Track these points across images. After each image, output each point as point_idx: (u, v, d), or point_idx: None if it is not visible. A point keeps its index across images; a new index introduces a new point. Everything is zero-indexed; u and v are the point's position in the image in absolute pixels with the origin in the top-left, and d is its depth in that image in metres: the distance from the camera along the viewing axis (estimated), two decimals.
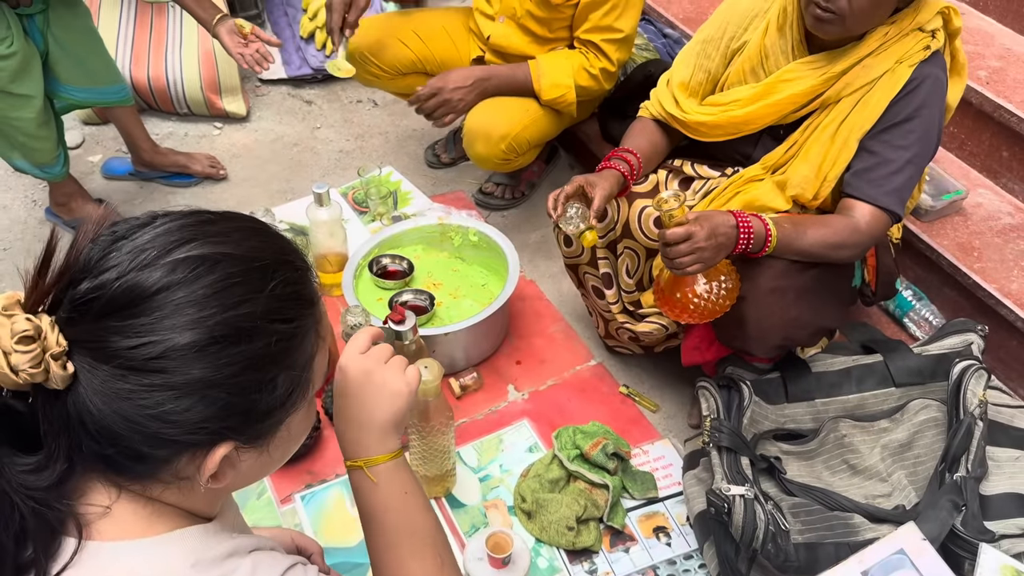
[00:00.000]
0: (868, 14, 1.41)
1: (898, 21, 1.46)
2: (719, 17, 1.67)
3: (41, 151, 2.11)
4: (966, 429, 1.45)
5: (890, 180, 1.48)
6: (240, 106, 2.78)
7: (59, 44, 2.04)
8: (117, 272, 0.66)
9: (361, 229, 2.32)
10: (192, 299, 0.66)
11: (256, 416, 0.72)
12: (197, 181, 2.53)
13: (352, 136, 2.77)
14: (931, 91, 1.47)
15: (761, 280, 1.49)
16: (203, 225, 0.71)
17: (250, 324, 0.68)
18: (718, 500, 1.41)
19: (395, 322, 1.62)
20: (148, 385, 0.66)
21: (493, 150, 2.08)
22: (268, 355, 0.70)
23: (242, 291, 0.68)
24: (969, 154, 2.10)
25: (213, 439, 0.70)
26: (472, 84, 2.06)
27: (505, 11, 2.14)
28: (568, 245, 1.83)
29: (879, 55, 1.47)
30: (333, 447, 1.77)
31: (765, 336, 1.53)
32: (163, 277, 0.66)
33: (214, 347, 0.67)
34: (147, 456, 0.69)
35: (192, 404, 0.67)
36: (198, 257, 0.68)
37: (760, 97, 1.56)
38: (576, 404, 1.88)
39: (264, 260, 0.71)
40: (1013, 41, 2.18)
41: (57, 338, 0.64)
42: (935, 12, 1.47)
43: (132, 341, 0.65)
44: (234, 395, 0.69)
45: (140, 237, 0.68)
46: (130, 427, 0.67)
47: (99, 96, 2.22)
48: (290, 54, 2.98)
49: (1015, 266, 1.83)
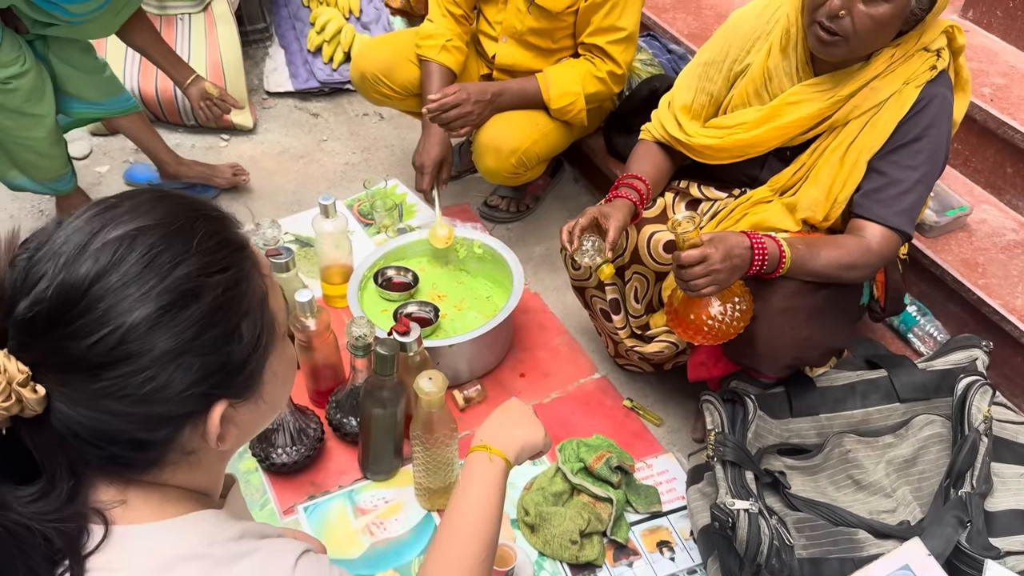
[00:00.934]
0: (872, 36, 1.41)
1: (903, 43, 1.46)
2: (720, 39, 1.66)
3: (50, 168, 2.13)
4: (971, 445, 1.44)
5: (900, 200, 1.48)
6: (247, 118, 2.80)
7: (64, 62, 2.07)
8: (47, 281, 0.66)
9: (366, 241, 2.33)
10: (127, 279, 0.66)
11: (234, 369, 0.72)
12: (216, 193, 2.54)
13: (358, 149, 2.78)
14: (938, 110, 1.47)
15: (773, 300, 1.49)
16: (108, 210, 0.70)
17: (191, 284, 0.68)
18: (722, 514, 1.40)
19: (399, 334, 1.62)
20: (122, 374, 0.66)
21: (503, 164, 2.10)
22: (220, 307, 0.70)
23: (170, 255, 0.68)
24: (973, 170, 2.11)
25: (205, 403, 0.71)
26: (490, 99, 2.09)
27: (507, 31, 2.17)
28: (576, 268, 1.82)
29: (886, 77, 1.47)
30: (336, 459, 1.78)
31: (776, 356, 1.53)
32: (91, 268, 0.66)
33: (167, 316, 0.67)
34: (149, 442, 0.70)
35: (170, 376, 0.67)
36: (116, 239, 0.67)
37: (766, 120, 1.56)
38: (580, 417, 1.88)
39: (179, 221, 0.71)
40: (1017, 59, 2.19)
41: (17, 366, 0.64)
42: (940, 31, 1.47)
43: (89, 340, 0.65)
44: (206, 355, 0.69)
45: (54, 242, 0.68)
46: (122, 420, 0.67)
47: (107, 108, 2.23)
48: (297, 67, 3.00)
49: (1019, 282, 1.83)
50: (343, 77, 2.96)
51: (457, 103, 2.03)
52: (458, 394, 1.89)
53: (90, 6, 1.94)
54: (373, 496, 1.71)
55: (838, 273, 1.49)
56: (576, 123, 2.17)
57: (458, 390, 1.89)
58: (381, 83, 2.24)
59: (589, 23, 2.06)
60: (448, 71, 2.18)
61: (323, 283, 2.10)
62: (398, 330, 1.63)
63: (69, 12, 1.93)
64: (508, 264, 1.99)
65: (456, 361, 1.88)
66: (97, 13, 1.98)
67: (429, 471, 1.60)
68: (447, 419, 1.54)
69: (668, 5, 2.66)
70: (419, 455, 1.58)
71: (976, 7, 2.31)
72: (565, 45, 2.15)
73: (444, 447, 1.56)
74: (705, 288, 1.39)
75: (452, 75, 2.20)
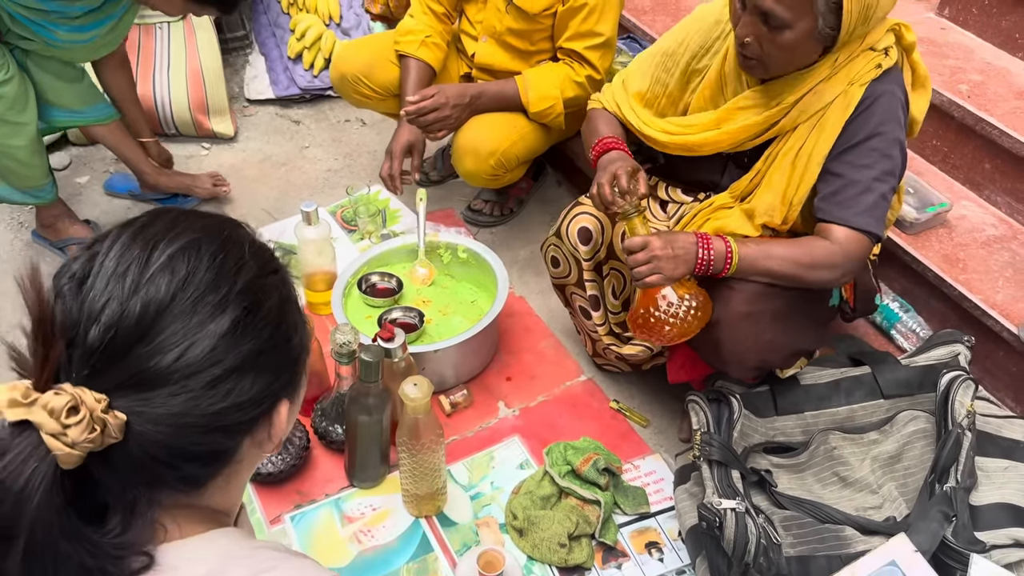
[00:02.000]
0: (785, 59, 1.42)
1: (845, 46, 1.44)
2: (681, 31, 1.66)
3: (31, 177, 2.11)
4: (954, 440, 1.45)
5: (859, 200, 1.46)
6: (228, 126, 2.78)
7: (43, 71, 2.05)
8: (118, 302, 0.64)
9: (350, 247, 2.32)
10: (204, 287, 0.66)
11: (293, 363, 0.75)
12: (196, 203, 2.52)
13: (340, 155, 2.77)
14: (887, 107, 1.45)
15: (734, 304, 1.49)
16: (147, 228, 0.70)
17: (257, 284, 0.70)
18: (709, 514, 1.40)
19: (384, 340, 1.62)
20: (210, 382, 0.66)
21: (482, 166, 2.09)
22: (281, 304, 0.73)
23: (232, 261, 0.69)
24: (952, 167, 2.12)
25: (272, 403, 0.72)
26: (468, 102, 2.09)
27: (486, 31, 2.17)
28: (556, 266, 1.84)
29: (831, 80, 1.46)
30: (322, 467, 1.76)
31: (740, 360, 1.54)
32: (171, 280, 0.66)
33: (248, 317, 0.68)
34: (222, 453, 0.70)
35: (254, 378, 0.68)
36: (180, 250, 0.67)
37: (715, 125, 1.57)
38: (567, 420, 1.88)
39: (223, 229, 0.72)
40: (993, 55, 2.21)
41: (93, 396, 0.61)
42: (886, 30, 1.46)
43: (176, 351, 0.64)
44: (279, 353, 0.72)
45: (105, 266, 0.66)
46: (204, 432, 0.67)
47: (86, 116, 2.22)
48: (277, 74, 2.99)
49: (1000, 277, 1.85)
50: (324, 83, 2.95)
51: (435, 107, 2.03)
52: (444, 399, 1.88)
53: (76, 36, 1.95)
54: (360, 504, 1.70)
55: (799, 272, 1.47)
56: (554, 127, 2.17)
57: (444, 395, 1.89)
58: (361, 83, 2.23)
59: (567, 28, 2.06)
60: (427, 67, 2.18)
61: (306, 290, 2.09)
62: (382, 336, 1.63)
63: (54, 38, 1.93)
64: (492, 268, 1.99)
65: (442, 366, 1.87)
66: (77, 45, 2.00)
67: (416, 477, 1.59)
68: (433, 425, 1.54)
69: (647, 8, 2.67)
70: (406, 461, 1.57)
71: (952, 5, 2.33)
72: (543, 48, 2.16)
73: (431, 453, 1.55)
74: (648, 276, 1.43)
75: (431, 71, 2.19)
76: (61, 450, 0.60)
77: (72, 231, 2.31)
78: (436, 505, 1.68)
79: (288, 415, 0.76)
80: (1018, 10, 2.15)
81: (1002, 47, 2.22)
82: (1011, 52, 2.21)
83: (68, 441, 0.60)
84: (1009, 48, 2.21)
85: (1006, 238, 1.95)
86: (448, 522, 1.67)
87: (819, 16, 1.34)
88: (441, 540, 1.64)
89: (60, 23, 1.90)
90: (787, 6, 1.33)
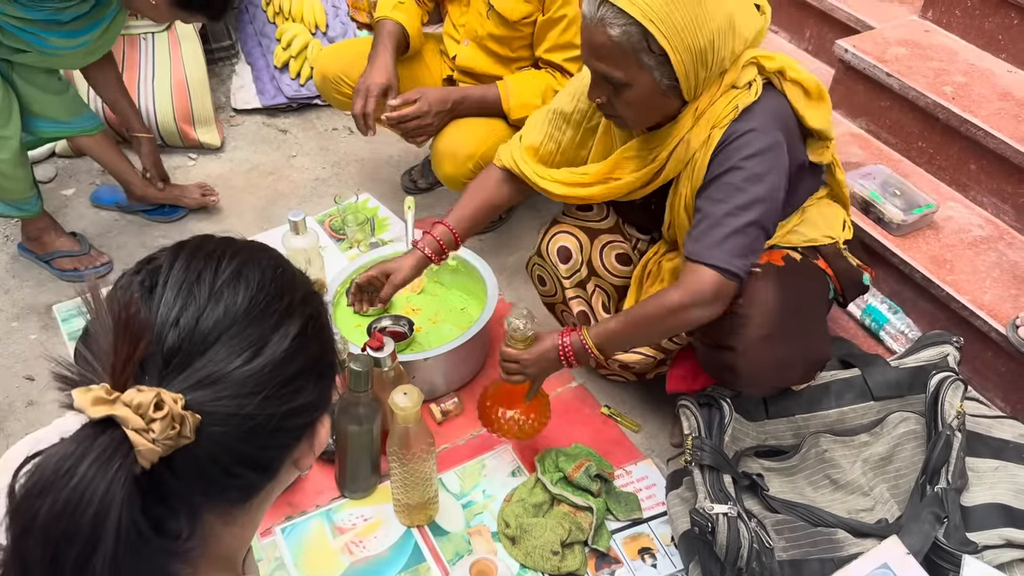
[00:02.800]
0: (641, 114, 1.45)
1: (705, 92, 1.43)
2: (570, 91, 1.68)
3: (15, 190, 2.10)
4: (944, 441, 1.46)
5: (710, 234, 1.43)
6: (214, 136, 2.77)
7: (29, 83, 2.05)
8: (195, 307, 0.67)
9: (339, 256, 2.32)
10: (272, 295, 0.70)
11: (332, 374, 0.77)
12: (183, 214, 2.51)
13: (328, 164, 2.77)
14: (744, 145, 1.43)
15: (749, 331, 1.47)
16: (204, 245, 0.73)
17: (312, 296, 0.75)
18: (701, 519, 1.40)
19: (373, 349, 1.61)
20: (281, 382, 0.68)
21: (460, 169, 2.10)
22: (324, 316, 0.77)
23: (288, 275, 0.74)
24: (938, 168, 2.13)
25: (320, 412, 0.75)
26: (450, 107, 2.09)
27: (469, 34, 2.18)
28: (543, 284, 1.85)
29: (696, 128, 1.46)
30: (312, 478, 1.75)
31: (758, 381, 1.55)
32: (243, 288, 0.69)
33: (312, 323, 0.72)
34: (270, 462, 0.71)
35: (314, 385, 0.71)
36: (244, 263, 0.71)
37: (605, 175, 1.60)
38: (558, 426, 1.87)
39: (266, 249, 0.75)
40: (977, 57, 2.22)
41: (172, 396, 0.62)
42: (742, 66, 1.44)
43: (248, 354, 0.66)
44: (331, 359, 0.75)
45: (175, 276, 0.69)
46: (269, 434, 0.68)
47: (72, 127, 2.21)
48: (264, 83, 2.98)
49: (987, 277, 1.86)
50: (311, 92, 2.94)
51: (417, 115, 2.03)
52: (435, 408, 1.87)
53: (69, 42, 1.95)
54: (351, 514, 1.69)
55: (665, 323, 1.46)
56: None
57: (435, 404, 1.88)
58: (342, 82, 2.23)
59: (546, 38, 2.08)
60: (399, 28, 2.11)
61: None
62: (371, 345, 1.62)
63: (47, 45, 1.93)
64: (482, 275, 1.98)
65: (432, 375, 1.86)
66: (71, 51, 1.99)
67: (407, 487, 1.58)
68: (424, 434, 1.53)
69: None
70: (397, 471, 1.56)
71: (935, 7, 2.35)
72: (523, 55, 2.17)
73: (421, 462, 1.54)
74: (514, 376, 1.58)
75: (404, 33, 2.13)
76: (145, 446, 0.60)
77: (58, 244, 2.30)
78: (428, 514, 1.67)
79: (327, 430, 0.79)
80: (1001, 12, 2.17)
81: (985, 48, 2.24)
82: (994, 53, 2.22)
83: (152, 437, 0.60)
84: (992, 50, 2.22)
85: (993, 238, 1.96)
86: (440, 531, 1.67)
87: (651, 70, 1.35)
88: (433, 550, 1.63)
89: (51, 30, 1.89)
90: (616, 67, 1.36)
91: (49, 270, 2.31)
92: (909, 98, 2.12)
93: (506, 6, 2.05)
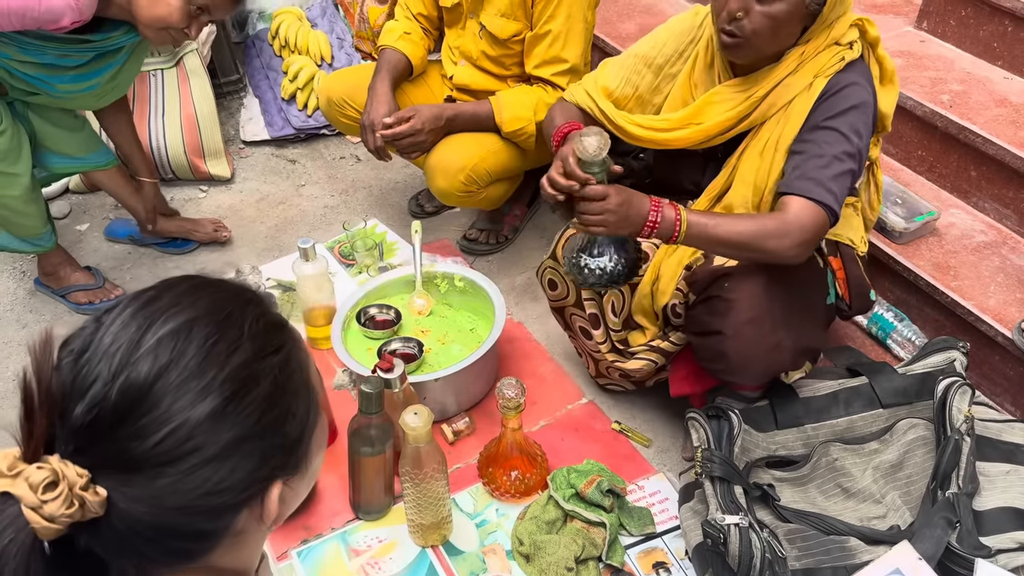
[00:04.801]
0: (772, 35, 1.45)
1: (813, 39, 1.50)
2: (654, 37, 1.71)
3: (27, 226, 2.14)
4: (953, 446, 1.46)
5: (815, 173, 1.46)
6: (224, 169, 2.82)
7: (44, 120, 2.09)
8: (102, 382, 0.65)
9: (348, 281, 2.35)
10: (187, 373, 0.66)
11: (289, 447, 0.74)
12: (195, 247, 2.55)
13: (337, 191, 2.81)
14: (849, 95, 1.49)
15: (736, 313, 1.50)
16: (150, 304, 0.70)
17: (248, 370, 0.69)
18: (713, 531, 1.41)
19: (383, 370, 1.63)
20: (188, 468, 0.66)
21: (452, 182, 2.15)
22: (277, 389, 0.71)
23: (226, 344, 0.69)
24: (939, 176, 2.15)
25: (265, 486, 0.72)
26: (443, 124, 2.15)
27: (464, 55, 2.27)
28: (553, 288, 1.85)
29: (797, 73, 1.51)
30: (327, 501, 1.77)
31: (748, 366, 1.55)
32: (151, 365, 0.65)
33: (231, 405, 0.67)
34: (210, 531, 0.70)
35: (235, 465, 0.68)
36: (170, 333, 0.67)
37: (687, 121, 1.61)
38: (569, 443, 1.89)
39: (227, 307, 0.72)
40: (973, 65, 2.24)
41: (75, 471, 0.62)
42: (849, 25, 1.51)
43: (153, 438, 0.64)
44: (266, 438, 0.70)
45: (102, 342, 0.67)
46: (186, 514, 0.67)
47: (86, 163, 2.25)
48: (272, 116, 3.04)
49: (991, 282, 1.86)
50: (318, 122, 2.99)
51: (411, 132, 2.10)
52: (447, 428, 1.89)
53: (77, 86, 1.99)
54: (366, 536, 1.71)
55: (750, 240, 1.45)
56: (526, 147, 2.23)
57: (446, 424, 1.90)
58: (347, 106, 2.29)
59: (533, 54, 2.14)
60: (403, 57, 2.24)
61: (307, 326, 2.11)
62: (381, 367, 1.64)
63: (55, 90, 1.97)
64: (489, 295, 2.01)
65: (442, 395, 1.88)
66: (80, 94, 2.03)
67: (421, 507, 1.60)
68: (435, 454, 1.55)
69: (632, 35, 2.72)
70: (410, 491, 1.58)
71: (930, 18, 2.37)
72: (515, 72, 2.24)
73: (434, 482, 1.56)
74: (594, 225, 1.44)
75: (407, 63, 2.25)
76: (39, 523, 0.61)
77: (74, 279, 2.34)
78: (442, 534, 1.68)
79: (288, 494, 0.76)
80: (995, 20, 2.19)
81: (981, 56, 2.26)
82: (990, 61, 2.24)
83: (45, 514, 0.61)
84: (988, 57, 2.25)
85: (995, 244, 1.97)
86: (455, 551, 1.68)
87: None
88: (448, 569, 1.64)
89: (58, 75, 1.93)
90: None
91: (65, 304, 2.36)
92: (907, 107, 2.14)
93: (496, 25, 2.13)
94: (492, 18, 2.14)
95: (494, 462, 1.74)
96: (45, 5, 1.66)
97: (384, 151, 2.18)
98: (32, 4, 1.66)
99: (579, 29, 2.10)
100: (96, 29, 1.88)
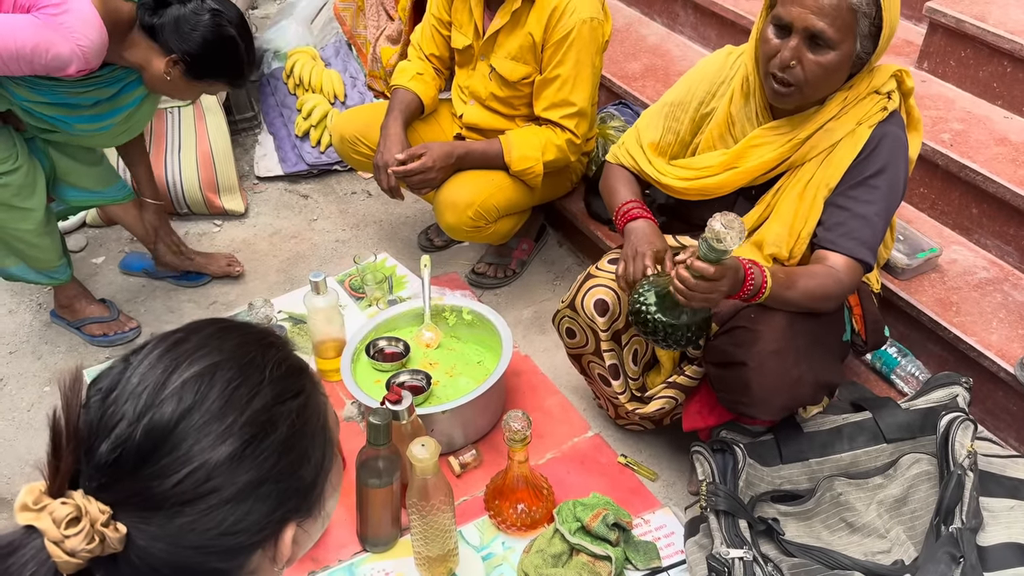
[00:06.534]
0: (823, 82, 1.50)
1: (855, 86, 1.55)
2: (686, 83, 1.76)
3: (42, 259, 2.19)
4: (956, 481, 1.47)
5: (862, 233, 1.55)
6: (238, 204, 2.88)
7: (63, 154, 2.15)
8: (127, 422, 0.67)
9: (358, 314, 2.38)
10: (210, 416, 0.69)
11: (305, 490, 0.76)
12: (208, 280, 2.59)
13: (348, 226, 2.86)
14: (892, 147, 1.56)
15: (762, 344, 1.52)
16: (177, 346, 0.73)
17: (268, 414, 0.71)
18: (718, 564, 1.42)
19: (391, 402, 1.66)
20: (206, 509, 0.68)
21: (461, 217, 2.19)
22: (295, 433, 0.74)
23: (247, 388, 0.71)
24: (941, 213, 2.18)
25: (278, 527, 0.74)
26: (454, 162, 2.21)
27: (473, 95, 2.33)
28: (571, 337, 1.85)
29: (840, 119, 1.56)
30: (334, 532, 1.78)
31: (770, 399, 1.55)
32: (176, 407, 0.68)
33: (249, 448, 0.69)
34: (224, 570, 0.72)
35: (251, 507, 0.70)
36: (195, 376, 0.70)
37: (730, 164, 1.65)
38: (576, 476, 1.90)
39: (250, 352, 0.74)
40: (973, 104, 2.28)
41: (98, 507, 0.64)
42: (889, 75, 1.57)
43: (174, 478, 0.67)
44: (282, 481, 0.72)
45: (129, 382, 0.70)
46: (202, 553, 0.69)
47: (103, 197, 2.31)
48: (286, 152, 3.10)
49: (993, 318, 1.88)
50: (331, 159, 3.06)
51: (422, 169, 2.15)
52: (454, 460, 1.91)
53: (94, 125, 2.04)
54: (373, 568, 1.72)
55: (811, 303, 1.55)
56: (533, 186, 2.28)
57: (453, 456, 1.91)
58: (359, 143, 2.36)
59: (542, 97, 2.19)
60: (415, 97, 2.31)
61: (317, 358, 2.14)
62: (389, 399, 1.66)
63: (73, 129, 2.02)
64: (497, 328, 2.03)
65: (450, 427, 1.90)
66: (97, 133, 2.07)
67: (427, 539, 1.61)
68: (442, 486, 1.56)
69: (638, 74, 2.77)
70: (416, 523, 1.59)
71: (930, 58, 2.42)
72: (523, 113, 2.30)
73: (441, 514, 1.57)
74: (696, 301, 1.45)
75: (419, 103, 2.32)
76: (60, 558, 0.63)
77: (89, 311, 2.39)
78: (448, 567, 1.69)
79: (302, 536, 0.78)
80: (994, 61, 2.24)
81: (981, 96, 2.30)
82: (990, 100, 2.28)
83: (67, 549, 0.63)
84: (988, 97, 2.29)
85: (997, 280, 1.99)
86: None
87: (859, 39, 1.45)
88: None
89: (74, 115, 1.98)
90: (836, 28, 1.43)
91: (80, 336, 2.40)
92: None
93: (506, 68, 2.19)
94: (502, 61, 2.20)
95: (500, 495, 1.75)
96: (53, 52, 1.71)
97: (397, 190, 2.24)
98: (40, 51, 1.70)
99: (587, 74, 2.16)
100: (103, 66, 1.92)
